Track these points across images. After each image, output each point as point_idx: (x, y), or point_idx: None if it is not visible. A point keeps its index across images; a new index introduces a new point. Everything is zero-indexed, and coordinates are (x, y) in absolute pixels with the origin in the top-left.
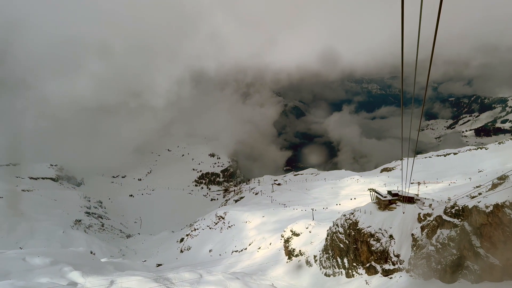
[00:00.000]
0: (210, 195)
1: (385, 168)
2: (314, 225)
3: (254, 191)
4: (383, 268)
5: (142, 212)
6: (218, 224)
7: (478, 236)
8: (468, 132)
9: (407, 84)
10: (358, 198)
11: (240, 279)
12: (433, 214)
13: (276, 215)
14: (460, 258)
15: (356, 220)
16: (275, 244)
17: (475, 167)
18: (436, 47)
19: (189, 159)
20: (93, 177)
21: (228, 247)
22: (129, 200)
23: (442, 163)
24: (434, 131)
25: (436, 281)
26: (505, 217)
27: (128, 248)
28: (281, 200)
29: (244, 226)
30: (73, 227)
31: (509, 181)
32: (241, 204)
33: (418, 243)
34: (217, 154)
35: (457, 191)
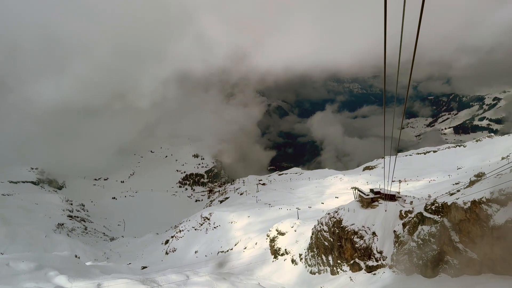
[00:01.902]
0: (195, 196)
1: (367, 167)
2: (299, 224)
3: (239, 191)
4: (366, 265)
5: (125, 215)
6: (203, 225)
7: (457, 232)
8: (447, 130)
9: (388, 83)
10: (341, 197)
11: (227, 279)
12: (414, 211)
13: (261, 215)
14: (440, 253)
15: (340, 218)
16: (261, 244)
17: (454, 165)
18: (420, 49)
19: (173, 160)
20: (75, 180)
21: (214, 248)
22: (112, 203)
23: (422, 161)
24: (414, 129)
25: (418, 276)
26: (482, 213)
27: (112, 251)
28: (266, 200)
29: (229, 227)
30: (55, 231)
31: (486, 178)
32: (226, 204)
33: (400, 239)
34: (201, 155)
35: (437, 188)
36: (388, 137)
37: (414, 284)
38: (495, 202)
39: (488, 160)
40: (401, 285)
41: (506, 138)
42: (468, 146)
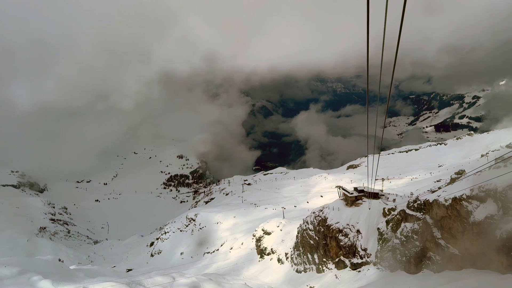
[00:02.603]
0: (180, 197)
1: (351, 165)
2: (285, 224)
3: (224, 192)
4: (351, 262)
5: (109, 217)
6: (189, 227)
7: (439, 228)
8: (428, 128)
9: (371, 83)
10: (326, 195)
11: (214, 280)
12: (397, 208)
13: (247, 215)
14: (423, 249)
15: (325, 217)
16: (247, 244)
17: (436, 162)
18: (403, 49)
19: (157, 162)
20: (57, 183)
21: (200, 249)
22: (95, 205)
23: (404, 159)
24: (396, 127)
25: (401, 273)
26: (462, 209)
27: (96, 254)
28: (251, 200)
29: (215, 227)
30: (37, 235)
31: (466, 175)
32: (212, 205)
33: (383, 236)
34: (185, 156)
35: (419, 185)
36: (371, 136)
37: (398, 280)
38: (475, 198)
39: (469, 157)
40: (385, 281)
41: (485, 136)
42: (449, 144)
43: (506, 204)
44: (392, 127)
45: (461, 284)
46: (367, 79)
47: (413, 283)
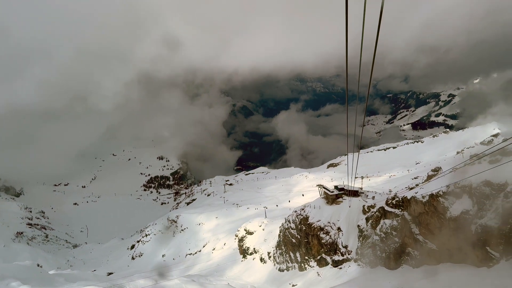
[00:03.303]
0: (160, 199)
1: (332, 164)
2: (267, 223)
3: (206, 193)
4: (333, 260)
5: (88, 221)
6: (170, 228)
7: (417, 224)
8: (405, 126)
9: (349, 82)
10: (307, 194)
11: (196, 281)
12: (376, 205)
13: (229, 215)
14: (402, 245)
15: (306, 215)
16: (230, 244)
17: (413, 160)
18: (382, 50)
19: (136, 163)
20: (34, 186)
21: (182, 251)
22: (74, 209)
23: (383, 157)
24: (374, 126)
25: (381, 268)
26: (439, 205)
27: (75, 259)
28: (233, 200)
29: (197, 229)
30: (14, 240)
31: (442, 172)
32: (193, 206)
33: (364, 233)
34: (166, 157)
35: (397, 183)
36: (351, 134)
37: (378, 276)
38: (451, 195)
39: (445, 154)
40: (366, 277)
41: (460, 133)
42: (426, 141)
43: (480, 200)
44: (370, 125)
45: (439, 278)
46: (346, 79)
47: (393, 279)
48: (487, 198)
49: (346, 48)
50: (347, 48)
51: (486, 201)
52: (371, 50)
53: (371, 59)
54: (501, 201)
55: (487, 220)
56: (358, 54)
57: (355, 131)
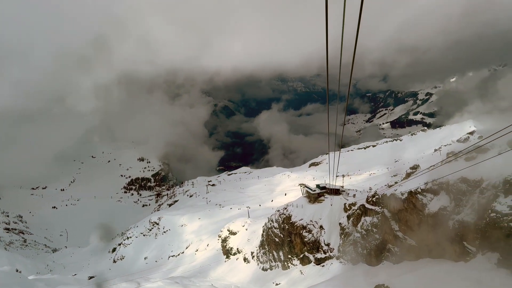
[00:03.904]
0: (142, 201)
1: (313, 163)
2: (250, 223)
3: (188, 194)
4: (315, 257)
5: (68, 224)
6: (152, 230)
7: (396, 221)
8: (384, 124)
9: (330, 82)
10: (290, 193)
11: (180, 283)
12: (357, 203)
13: (212, 216)
14: (383, 242)
15: (289, 214)
16: (213, 245)
17: (392, 158)
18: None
19: (116, 165)
20: (11, 190)
21: (164, 253)
22: (53, 213)
23: (363, 155)
24: (354, 125)
25: (363, 265)
26: (418, 202)
27: (55, 263)
28: (216, 200)
29: (180, 230)
30: None
31: (420, 169)
32: (176, 207)
33: (345, 231)
34: (146, 158)
35: (377, 180)
36: (332, 133)
37: (359, 272)
38: (429, 191)
39: (423, 152)
40: (348, 274)
41: (438, 131)
42: (404, 139)
43: (457, 196)
44: (351, 124)
45: (419, 273)
46: (327, 79)
47: (374, 275)
48: (464, 194)
49: (327, 48)
50: (327, 48)
51: (463, 197)
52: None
53: (351, 59)
54: (477, 197)
55: (463, 215)
56: (339, 54)
57: (336, 130)
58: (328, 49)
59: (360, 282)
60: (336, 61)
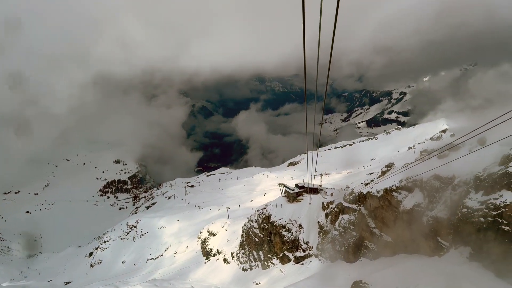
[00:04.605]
0: (118, 204)
1: (292, 162)
2: (230, 223)
3: (166, 196)
4: (295, 256)
5: (42, 229)
6: (130, 234)
7: (373, 218)
8: (360, 123)
9: (307, 81)
10: (269, 193)
11: (159, 285)
12: (335, 202)
13: (191, 217)
14: (360, 239)
15: (268, 214)
16: (193, 247)
17: (368, 156)
18: (341, 51)
19: (92, 168)
20: None
21: (143, 256)
22: (26, 217)
23: (339, 154)
24: (331, 124)
25: (341, 262)
26: (393, 199)
27: (30, 269)
28: (195, 202)
29: (159, 233)
30: None
31: (395, 167)
32: (154, 210)
33: (323, 229)
34: (123, 160)
35: (354, 179)
36: (310, 133)
37: (338, 269)
38: (403, 189)
39: (398, 150)
40: (327, 272)
41: (412, 130)
42: (380, 138)
43: (430, 193)
44: (328, 124)
45: (395, 268)
46: (304, 79)
47: (352, 271)
48: (437, 191)
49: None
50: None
51: (436, 194)
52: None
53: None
54: (449, 193)
55: (437, 211)
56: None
57: (314, 129)
58: (306, 50)
59: (338, 279)
60: (314, 62)
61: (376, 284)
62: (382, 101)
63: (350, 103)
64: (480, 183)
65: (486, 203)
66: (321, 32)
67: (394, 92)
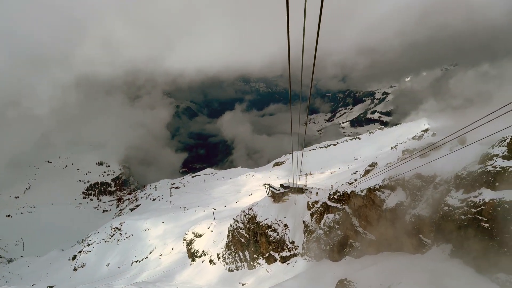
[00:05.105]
0: (102, 207)
1: (277, 163)
2: (216, 224)
3: (151, 197)
4: (280, 256)
5: (24, 233)
6: (114, 236)
7: (357, 217)
8: (344, 123)
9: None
10: (255, 193)
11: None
12: (320, 201)
13: (177, 219)
14: (344, 237)
15: (254, 215)
16: (178, 249)
17: (352, 156)
18: (326, 52)
19: (74, 170)
20: None
21: (127, 259)
22: (7, 221)
23: (324, 154)
24: (316, 124)
25: (326, 261)
26: (376, 198)
27: (11, 274)
28: (180, 203)
29: (143, 235)
30: None
31: (378, 167)
32: (138, 212)
33: (309, 228)
34: (106, 162)
35: (338, 178)
36: (295, 133)
37: (323, 268)
38: (386, 188)
39: (381, 149)
40: (312, 271)
41: (394, 129)
42: (363, 138)
43: (413, 192)
44: (312, 124)
45: (379, 266)
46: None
47: (337, 270)
48: (419, 189)
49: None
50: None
51: (418, 193)
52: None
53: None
54: (431, 192)
55: (419, 210)
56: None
57: (299, 129)
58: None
59: (323, 278)
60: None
61: (361, 282)
62: (365, 101)
63: (334, 103)
64: (461, 181)
65: (466, 201)
66: (305, 33)
67: (377, 92)
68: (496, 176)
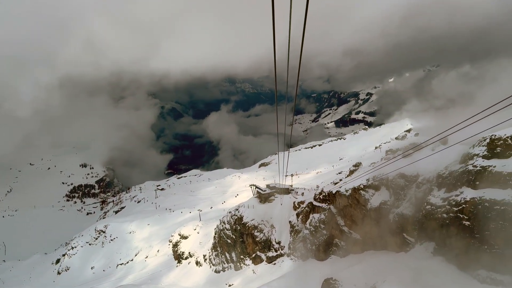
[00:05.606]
0: (86, 209)
1: (263, 163)
2: (202, 226)
3: (136, 199)
4: (267, 256)
5: (5, 237)
6: (99, 239)
7: (342, 217)
8: (329, 124)
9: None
10: (241, 194)
11: None
12: (306, 201)
13: (162, 221)
14: (330, 237)
15: (241, 215)
16: (164, 251)
17: (337, 156)
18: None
19: (57, 172)
20: None
21: (112, 262)
22: None
23: (309, 154)
24: (301, 124)
25: (312, 260)
26: (361, 198)
27: None
28: (166, 205)
29: (129, 237)
30: None
31: (362, 167)
32: (123, 214)
33: (295, 228)
34: (89, 164)
35: (323, 178)
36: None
37: (309, 268)
38: (370, 187)
39: (365, 150)
40: (298, 271)
41: (378, 130)
42: (348, 138)
43: (396, 191)
44: (298, 124)
45: (364, 265)
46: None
47: (323, 269)
48: (402, 189)
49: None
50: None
51: (401, 192)
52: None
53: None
54: (414, 191)
55: (403, 209)
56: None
57: (285, 130)
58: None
59: (310, 277)
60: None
61: (346, 281)
62: (350, 101)
63: (319, 104)
64: (443, 180)
65: (448, 200)
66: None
67: (361, 93)
68: (477, 175)
